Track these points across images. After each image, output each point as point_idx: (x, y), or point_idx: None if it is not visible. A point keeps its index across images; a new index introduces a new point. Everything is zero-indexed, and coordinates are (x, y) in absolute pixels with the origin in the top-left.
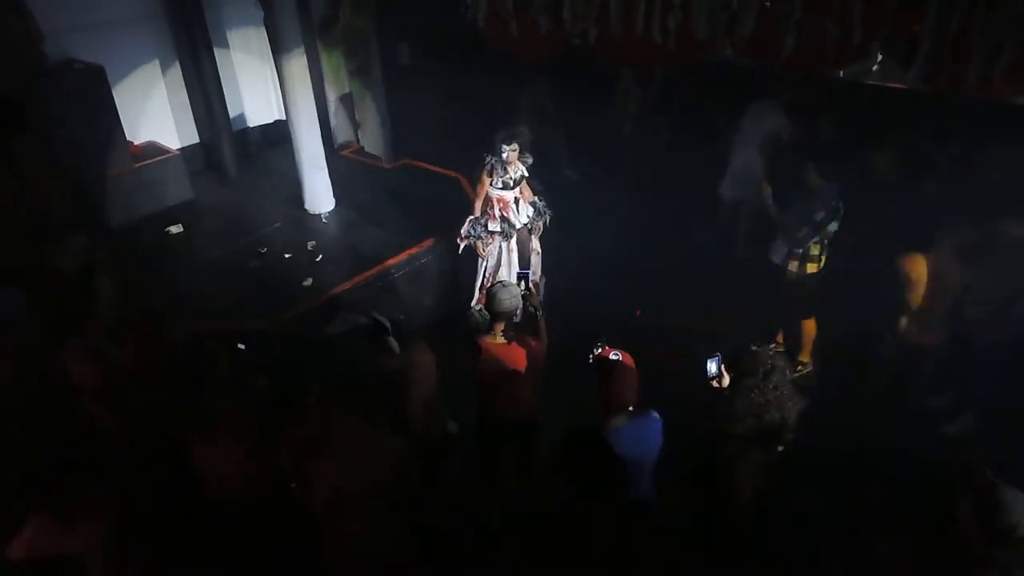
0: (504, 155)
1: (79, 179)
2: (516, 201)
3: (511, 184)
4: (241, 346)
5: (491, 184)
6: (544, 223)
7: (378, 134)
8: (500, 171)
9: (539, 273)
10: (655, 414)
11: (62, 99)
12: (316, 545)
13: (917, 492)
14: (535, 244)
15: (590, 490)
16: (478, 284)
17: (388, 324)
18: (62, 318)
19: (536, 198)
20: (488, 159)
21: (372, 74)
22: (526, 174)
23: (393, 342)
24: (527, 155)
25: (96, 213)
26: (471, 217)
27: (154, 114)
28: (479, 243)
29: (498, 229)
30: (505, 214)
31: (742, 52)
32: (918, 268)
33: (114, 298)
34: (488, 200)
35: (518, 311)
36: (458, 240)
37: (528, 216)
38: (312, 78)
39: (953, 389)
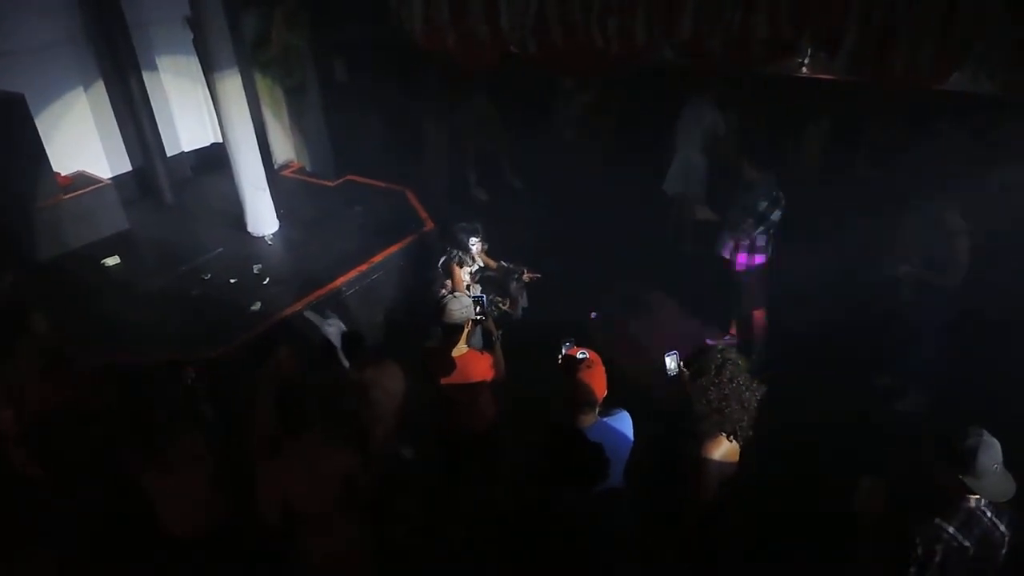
0: (474, 248)
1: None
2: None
3: (470, 277)
4: (192, 373)
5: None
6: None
7: (319, 152)
8: (468, 262)
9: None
10: (625, 412)
11: None
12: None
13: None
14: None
15: (571, 479)
16: None
17: (335, 338)
18: None
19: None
20: (454, 253)
21: (309, 92)
22: (480, 264)
23: (342, 358)
24: (484, 243)
25: (23, 248)
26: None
27: (82, 143)
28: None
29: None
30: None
31: (681, 54)
32: None
33: (49, 335)
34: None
35: (469, 324)
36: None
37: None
38: (248, 98)
39: (898, 367)
